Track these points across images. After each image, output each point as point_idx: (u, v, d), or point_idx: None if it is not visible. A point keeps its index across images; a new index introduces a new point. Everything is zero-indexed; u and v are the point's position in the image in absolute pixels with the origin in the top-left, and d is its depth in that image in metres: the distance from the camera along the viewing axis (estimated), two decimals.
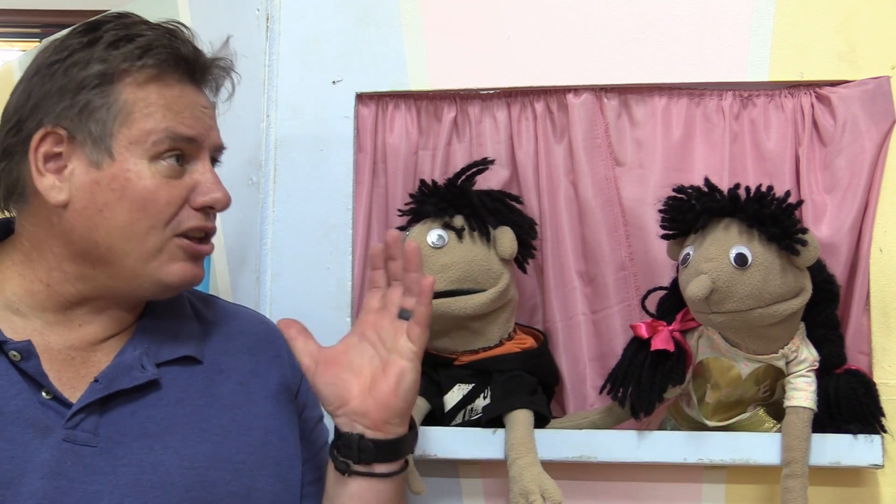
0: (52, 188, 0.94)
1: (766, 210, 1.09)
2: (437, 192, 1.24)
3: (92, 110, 0.94)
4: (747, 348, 1.15)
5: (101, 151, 0.94)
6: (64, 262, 0.96)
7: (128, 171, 0.94)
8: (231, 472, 0.97)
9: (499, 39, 1.31)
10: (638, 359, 1.17)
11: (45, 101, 0.94)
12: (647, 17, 1.29)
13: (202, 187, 0.98)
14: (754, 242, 1.09)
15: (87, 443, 0.92)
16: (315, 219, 1.31)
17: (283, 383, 1.08)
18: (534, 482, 1.10)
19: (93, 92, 0.94)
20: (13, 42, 3.25)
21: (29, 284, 0.97)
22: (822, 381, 1.16)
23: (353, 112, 1.33)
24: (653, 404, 1.16)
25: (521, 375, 1.22)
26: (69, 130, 0.93)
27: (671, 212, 1.16)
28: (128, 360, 0.97)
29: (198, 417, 0.98)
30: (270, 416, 1.04)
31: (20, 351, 0.92)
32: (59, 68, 0.94)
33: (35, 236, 0.97)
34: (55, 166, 0.94)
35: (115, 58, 0.94)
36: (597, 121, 1.31)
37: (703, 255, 1.10)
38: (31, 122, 0.94)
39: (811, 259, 1.11)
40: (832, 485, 1.18)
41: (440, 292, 1.18)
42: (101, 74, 0.94)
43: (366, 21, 1.34)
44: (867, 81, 1.24)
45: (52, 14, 3.02)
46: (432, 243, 1.20)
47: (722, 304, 1.09)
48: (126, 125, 0.94)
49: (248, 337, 1.09)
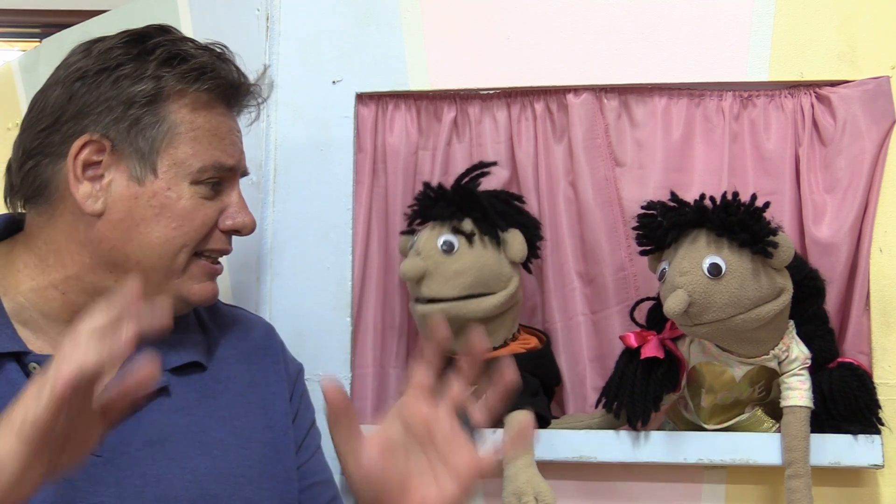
0: (89, 197, 0.94)
1: (734, 217, 1.09)
2: (444, 196, 1.24)
3: (142, 127, 0.94)
4: (738, 353, 1.15)
5: (146, 168, 0.94)
6: (84, 270, 0.96)
7: (168, 190, 0.95)
8: (232, 486, 0.97)
9: (499, 39, 1.31)
10: (630, 369, 1.17)
11: (90, 108, 0.93)
12: (647, 17, 1.29)
13: (231, 210, 1.00)
14: (725, 251, 1.09)
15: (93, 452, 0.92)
16: (315, 219, 1.31)
17: (279, 392, 1.07)
18: (528, 484, 1.10)
19: (144, 109, 0.94)
20: (13, 42, 3.25)
21: (43, 290, 0.96)
22: (815, 376, 1.16)
23: (353, 112, 1.33)
24: (648, 414, 1.16)
25: (524, 376, 1.22)
26: (114, 142, 0.93)
27: (641, 228, 1.17)
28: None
29: (198, 428, 0.98)
30: (267, 428, 1.04)
31: (41, 364, 0.91)
32: (106, 77, 0.94)
33: (55, 241, 0.96)
34: (92, 174, 0.94)
35: (169, 77, 0.95)
36: (597, 121, 1.31)
37: (677, 270, 1.10)
38: (72, 125, 0.94)
39: (786, 259, 1.11)
40: (832, 485, 1.18)
41: (453, 298, 1.19)
42: (154, 93, 0.94)
43: (366, 21, 1.34)
44: (867, 81, 1.24)
45: (52, 14, 3.02)
46: (442, 249, 1.20)
47: (702, 315, 1.09)
48: (173, 146, 0.95)
49: (248, 343, 1.09)
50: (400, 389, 1.28)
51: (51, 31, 1.78)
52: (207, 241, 0.99)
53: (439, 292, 1.19)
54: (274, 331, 1.14)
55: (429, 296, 1.20)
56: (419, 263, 1.20)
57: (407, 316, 1.36)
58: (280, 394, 1.07)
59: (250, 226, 1.03)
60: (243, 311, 1.16)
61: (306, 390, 1.13)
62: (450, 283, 1.19)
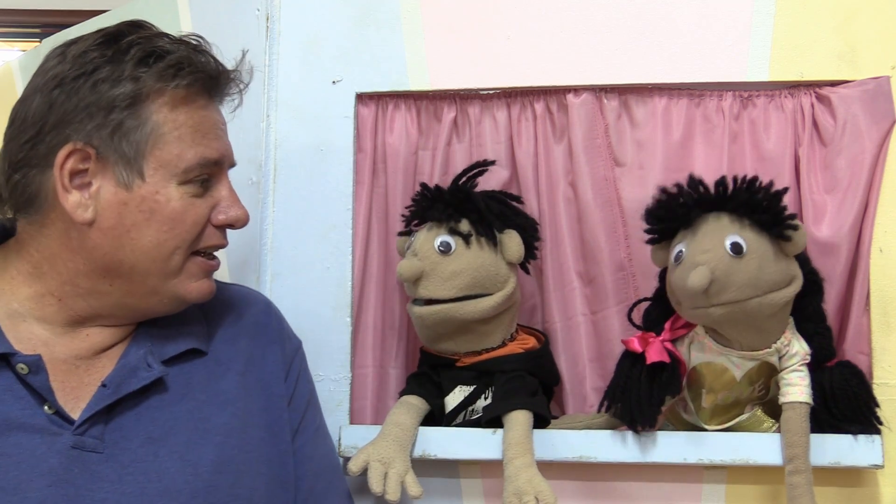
0: (79, 206, 0.93)
1: (756, 197, 1.10)
2: (441, 197, 1.24)
3: (125, 132, 0.93)
4: (741, 345, 1.15)
5: (133, 173, 0.93)
6: (79, 276, 0.96)
7: (157, 194, 0.94)
8: (234, 475, 0.98)
9: (499, 39, 1.31)
10: (634, 373, 1.17)
11: (71, 116, 0.92)
12: (647, 17, 1.29)
13: (223, 205, 1.00)
14: (746, 231, 1.10)
15: (95, 449, 0.92)
16: (315, 219, 1.31)
17: (275, 372, 1.08)
18: (529, 483, 1.10)
19: (125, 112, 0.93)
20: (13, 42, 3.25)
21: (39, 297, 0.96)
22: (815, 374, 1.16)
23: (353, 112, 1.33)
24: (654, 417, 1.16)
25: (522, 376, 1.22)
26: (98, 149, 0.93)
27: (660, 210, 1.16)
28: (133, 361, 0.97)
29: (200, 415, 0.99)
30: (265, 410, 1.05)
31: (28, 364, 0.91)
32: (84, 83, 0.93)
33: (47, 248, 0.96)
34: (79, 182, 0.93)
35: (146, 77, 0.93)
36: (596, 121, 1.31)
37: (699, 248, 1.10)
38: (55, 135, 0.93)
39: (802, 245, 1.11)
40: (832, 485, 1.18)
41: (449, 299, 1.19)
42: (134, 94, 0.93)
43: (366, 21, 1.34)
44: (867, 81, 1.24)
45: (52, 14, 3.02)
46: (439, 249, 1.20)
47: (721, 294, 1.09)
48: (157, 147, 0.94)
49: (246, 321, 1.09)
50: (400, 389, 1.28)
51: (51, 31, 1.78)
52: (201, 239, 0.99)
53: (436, 293, 1.19)
54: (272, 306, 1.13)
55: (426, 296, 1.20)
56: (416, 264, 1.20)
57: (407, 315, 1.36)
58: (276, 374, 1.08)
59: (243, 219, 1.02)
60: (240, 287, 1.15)
61: (304, 368, 1.13)
62: (446, 283, 1.19)
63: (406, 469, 1.14)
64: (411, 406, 1.22)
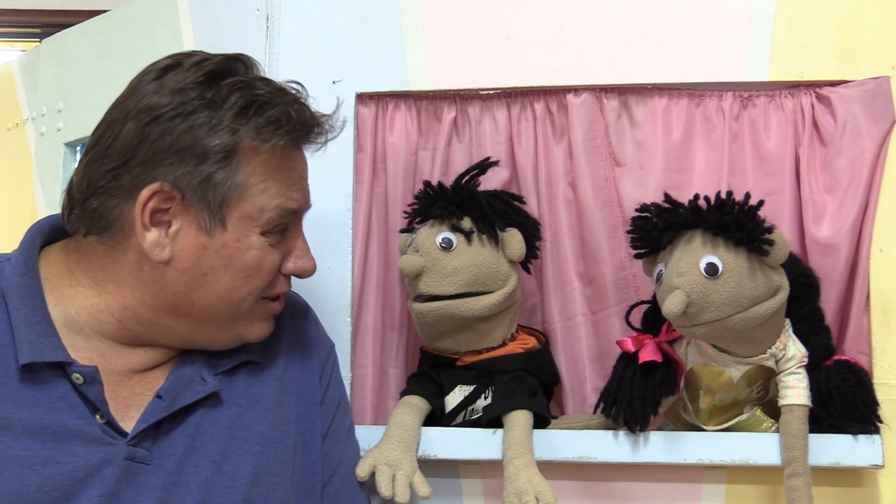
0: (157, 245, 0.92)
1: (729, 216, 1.09)
2: (444, 194, 1.24)
3: (214, 183, 0.92)
4: (735, 353, 1.15)
5: (215, 220, 0.93)
6: (144, 307, 0.95)
7: (238, 242, 0.94)
8: (269, 487, 0.98)
9: (499, 39, 1.31)
10: (627, 373, 1.17)
11: (162, 157, 0.91)
12: (647, 17, 1.29)
13: (295, 254, 1.01)
14: (721, 250, 1.09)
15: (144, 460, 0.92)
16: (315, 219, 1.31)
17: (310, 378, 1.08)
18: (529, 483, 1.10)
19: (217, 165, 0.92)
20: (13, 42, 3.25)
21: (98, 314, 0.95)
22: (812, 374, 1.16)
23: (353, 112, 1.33)
24: (647, 418, 1.16)
25: (522, 376, 1.22)
26: (184, 194, 0.92)
27: (636, 231, 1.16)
28: (187, 374, 0.97)
29: (241, 422, 0.99)
30: (300, 417, 1.05)
31: (85, 375, 0.91)
32: (180, 123, 0.91)
33: (115, 273, 0.95)
34: (159, 220, 0.93)
35: (244, 131, 0.92)
36: (597, 121, 1.31)
37: (674, 271, 1.10)
38: (141, 171, 0.91)
39: (781, 257, 1.10)
40: (832, 485, 1.18)
41: (450, 295, 1.19)
42: (229, 149, 0.92)
43: (366, 21, 1.34)
44: (867, 81, 1.24)
45: (52, 14, 3.02)
46: (441, 246, 1.20)
47: (700, 315, 1.09)
48: (243, 199, 0.94)
49: (286, 323, 1.09)
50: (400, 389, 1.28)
51: (51, 31, 1.78)
52: (273, 287, 0.99)
53: (437, 289, 1.19)
54: (310, 309, 1.14)
55: (426, 292, 1.20)
56: (417, 260, 1.20)
57: (407, 315, 1.36)
58: (311, 379, 1.08)
59: (311, 270, 1.03)
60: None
61: (336, 370, 1.14)
62: (447, 279, 1.19)
63: (413, 470, 1.14)
64: (413, 406, 1.22)
